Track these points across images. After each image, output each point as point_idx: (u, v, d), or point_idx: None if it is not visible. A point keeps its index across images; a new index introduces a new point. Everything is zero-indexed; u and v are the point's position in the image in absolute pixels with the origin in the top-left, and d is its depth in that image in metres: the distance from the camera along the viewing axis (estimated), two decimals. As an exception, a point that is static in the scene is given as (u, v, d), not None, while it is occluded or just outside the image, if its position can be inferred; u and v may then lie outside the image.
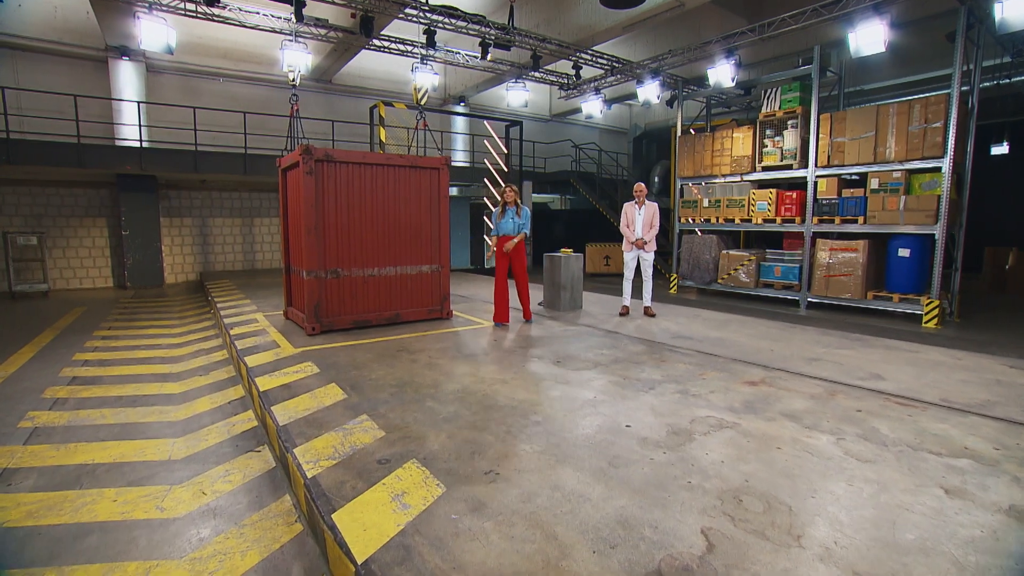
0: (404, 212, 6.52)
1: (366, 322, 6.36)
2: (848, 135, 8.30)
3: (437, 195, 6.75)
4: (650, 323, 6.86)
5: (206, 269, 13.83)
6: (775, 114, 9.50)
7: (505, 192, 6.49)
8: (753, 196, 10.05)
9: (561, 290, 7.76)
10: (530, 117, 18.90)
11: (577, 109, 18.81)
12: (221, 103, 12.84)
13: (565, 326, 6.63)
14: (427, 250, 6.76)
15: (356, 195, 6.16)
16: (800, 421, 3.42)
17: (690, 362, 4.89)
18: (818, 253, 8.98)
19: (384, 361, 4.91)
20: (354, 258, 6.21)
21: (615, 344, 5.62)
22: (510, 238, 6.48)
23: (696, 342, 5.72)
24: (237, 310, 7.82)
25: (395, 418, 3.49)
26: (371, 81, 15.43)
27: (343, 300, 6.20)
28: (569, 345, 5.58)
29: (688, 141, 11.29)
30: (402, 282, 6.61)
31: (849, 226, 8.51)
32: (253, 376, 4.46)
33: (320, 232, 5.95)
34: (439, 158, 6.72)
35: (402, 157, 6.42)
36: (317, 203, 5.88)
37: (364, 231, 6.25)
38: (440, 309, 6.93)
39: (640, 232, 7.22)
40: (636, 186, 7.25)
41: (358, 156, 6.08)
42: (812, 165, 8.94)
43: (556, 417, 3.50)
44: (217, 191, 13.67)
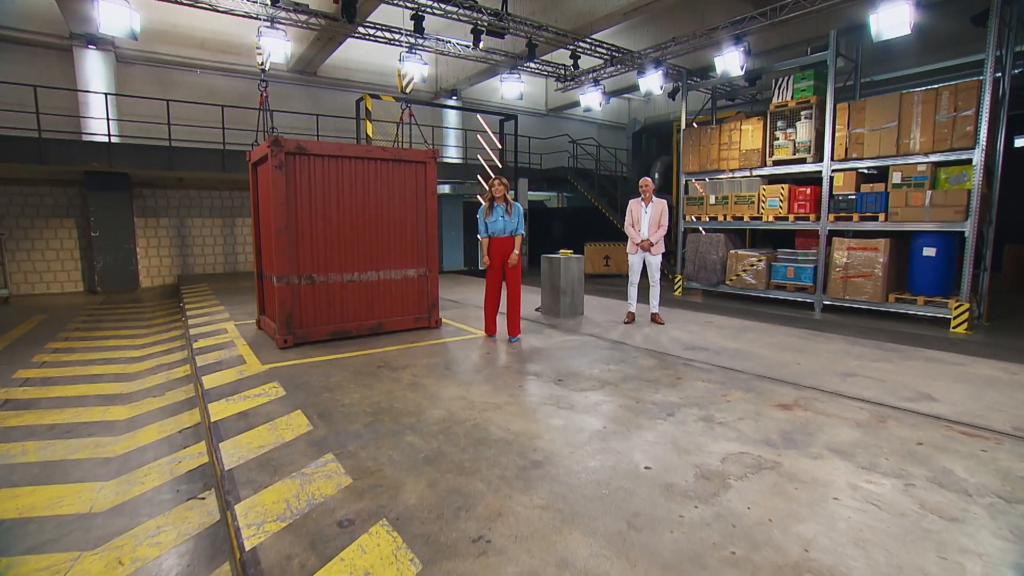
0: (387, 210, 5.95)
1: (345, 333, 5.79)
2: (868, 126, 7.79)
3: (424, 191, 6.18)
4: (659, 332, 6.32)
5: (184, 272, 13.21)
6: (787, 104, 8.98)
7: (493, 185, 5.66)
8: (763, 192, 9.53)
9: (560, 295, 7.21)
10: (526, 111, 18.34)
11: (575, 103, 18.28)
12: (198, 96, 12.21)
13: (566, 336, 6.08)
14: (413, 252, 6.19)
15: (333, 192, 5.58)
16: (853, 459, 2.88)
17: (710, 380, 4.35)
18: (834, 253, 8.46)
19: (362, 380, 4.34)
20: (331, 262, 5.64)
21: (623, 358, 5.07)
22: (502, 240, 5.76)
23: (713, 354, 5.18)
24: (208, 318, 7.22)
25: (367, 458, 2.92)
26: (358, 73, 14.83)
27: (319, 309, 5.62)
28: (571, 359, 5.03)
29: (693, 135, 10.76)
30: (385, 288, 6.04)
31: (869, 224, 8.01)
32: (208, 401, 3.88)
33: (292, 233, 5.37)
34: (425, 151, 6.15)
35: (384, 150, 5.85)
36: (289, 201, 5.30)
37: (342, 232, 5.68)
38: (428, 317, 6.37)
39: (647, 232, 6.68)
40: (642, 181, 6.70)
41: (334, 148, 5.50)
42: (828, 158, 8.42)
43: (560, 455, 2.94)
44: (195, 190, 13.05)
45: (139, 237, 12.14)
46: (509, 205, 5.74)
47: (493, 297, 5.97)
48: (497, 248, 5.76)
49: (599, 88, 12.35)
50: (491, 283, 5.94)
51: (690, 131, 10.86)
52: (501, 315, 6.43)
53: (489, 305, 6.01)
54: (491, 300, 5.98)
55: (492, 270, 5.88)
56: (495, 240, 5.77)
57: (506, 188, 5.73)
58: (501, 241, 5.77)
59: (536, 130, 18.67)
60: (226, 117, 11.38)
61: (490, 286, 5.96)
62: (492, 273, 5.89)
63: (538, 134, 18.47)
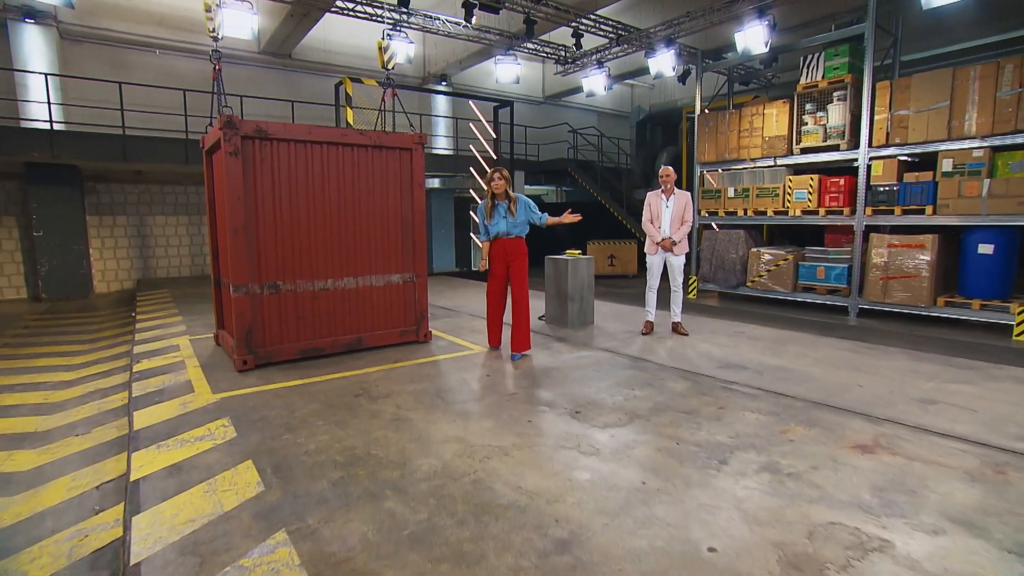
0: (367, 205, 5.28)
1: (317, 351, 5.11)
2: (913, 106, 7.21)
3: (410, 182, 5.52)
4: (684, 345, 5.70)
5: (145, 276, 12.44)
6: (817, 85, 8.39)
7: (492, 179, 5.03)
8: (789, 183, 8.94)
9: (568, 301, 6.57)
10: (521, 99, 17.68)
11: (575, 89, 17.64)
12: (157, 79, 11.44)
13: (577, 351, 5.44)
14: (397, 254, 5.53)
15: (302, 184, 4.90)
16: (989, 536, 2.25)
17: (760, 410, 3.72)
18: (872, 250, 7.88)
19: (334, 414, 3.67)
20: (300, 267, 4.96)
21: (649, 380, 4.43)
22: (505, 243, 5.11)
23: (754, 375, 4.56)
24: (160, 332, 6.52)
25: (331, 538, 2.26)
26: (338, 56, 14.12)
27: (286, 323, 4.94)
28: (587, 382, 4.38)
29: (709, 121, 10.15)
30: (365, 297, 5.37)
31: (913, 218, 7.42)
32: (135, 447, 3.20)
33: (252, 233, 4.69)
34: (411, 135, 5.49)
35: (363, 134, 5.18)
36: (247, 194, 4.62)
37: (313, 231, 5.00)
38: (415, 330, 5.70)
39: (668, 230, 6.06)
40: (663, 171, 6.08)
41: (302, 132, 4.82)
42: (865, 144, 7.84)
43: (591, 529, 2.30)
44: (157, 184, 12.29)
45: (92, 237, 11.37)
46: (512, 201, 5.10)
47: (496, 308, 5.37)
48: (500, 251, 5.15)
49: (603, 71, 11.72)
50: (493, 292, 5.32)
51: (706, 117, 10.25)
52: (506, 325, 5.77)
53: (492, 317, 5.42)
54: (494, 311, 5.39)
55: (494, 277, 5.27)
56: (498, 243, 5.15)
57: (507, 182, 5.10)
58: (504, 243, 5.14)
59: (532, 119, 18.01)
60: (189, 103, 10.64)
61: (492, 295, 5.34)
62: (494, 281, 5.28)
63: (535, 123, 17.81)
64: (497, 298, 5.34)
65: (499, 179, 5.04)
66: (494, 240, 5.15)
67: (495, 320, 5.44)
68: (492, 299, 5.36)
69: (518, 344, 5.15)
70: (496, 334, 5.49)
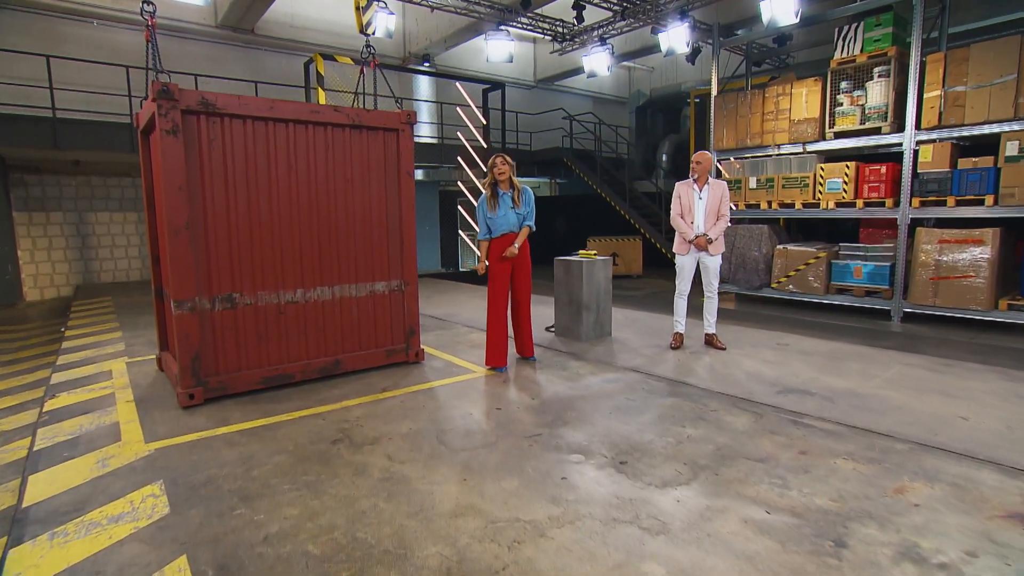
0: (344, 198, 4.54)
1: (285, 378, 4.35)
2: (971, 81, 6.66)
3: (396, 170, 4.78)
4: (724, 361, 5.06)
5: (87, 281, 11.48)
6: (854, 59, 7.82)
7: (495, 164, 4.61)
8: (821, 172, 8.37)
9: (583, 311, 5.89)
10: (511, 82, 16.95)
11: (571, 71, 17.00)
12: (96, 54, 10.47)
13: (600, 372, 4.76)
14: (382, 258, 4.79)
15: (263, 171, 4.15)
16: None
17: (852, 454, 3.07)
18: (920, 247, 7.33)
19: (305, 472, 2.94)
20: (262, 275, 4.20)
21: (699, 412, 3.77)
22: (511, 238, 4.66)
23: (824, 402, 3.92)
24: (92, 352, 5.69)
25: None
26: (307, 33, 13.25)
27: (244, 345, 4.18)
28: (624, 416, 3.71)
29: (728, 103, 9.55)
30: (344, 310, 4.62)
31: (969, 209, 6.88)
32: (16, 537, 2.43)
33: (200, 234, 3.92)
34: (397, 113, 4.75)
35: (338, 111, 4.43)
36: (192, 185, 3.85)
37: (278, 230, 4.24)
38: (405, 348, 4.97)
39: (702, 225, 5.42)
40: (697, 156, 5.43)
41: (261, 106, 4.06)
42: (911, 127, 7.28)
43: None
44: (99, 176, 11.34)
45: (21, 237, 10.41)
46: (517, 191, 4.66)
47: (500, 315, 4.75)
48: (504, 246, 4.63)
49: (607, 48, 11.07)
50: (498, 295, 4.72)
51: (724, 99, 9.64)
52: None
53: (496, 327, 4.77)
54: (498, 320, 4.76)
55: (497, 279, 4.68)
56: (505, 239, 4.64)
57: (511, 168, 4.64)
58: (512, 240, 4.65)
59: (523, 104, 17.30)
60: (135, 82, 9.72)
61: (496, 300, 4.73)
62: (498, 282, 4.70)
63: (526, 109, 17.10)
64: (502, 304, 4.75)
65: (503, 164, 4.57)
66: (498, 237, 4.63)
67: (501, 334, 4.79)
68: (498, 308, 4.74)
69: (529, 346, 5.07)
70: (502, 352, 4.84)
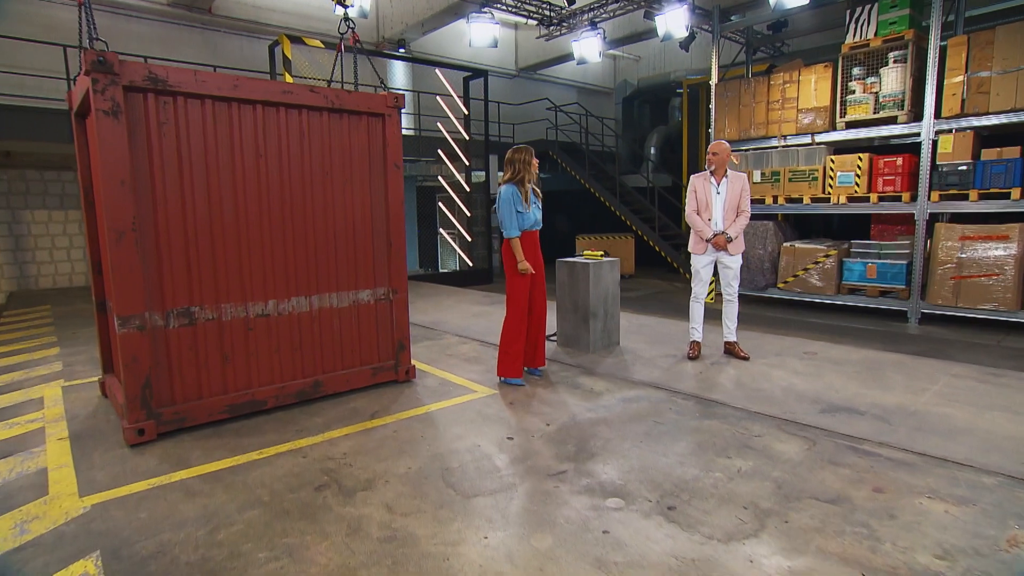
0: (323, 193, 4.04)
1: (256, 405, 3.84)
2: (996, 66, 6.46)
3: (382, 161, 4.31)
4: (751, 373, 4.71)
5: (22, 287, 10.65)
6: (868, 44, 7.58)
7: (526, 158, 4.38)
8: (831, 165, 8.14)
9: (590, 319, 5.48)
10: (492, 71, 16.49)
11: (553, 60, 16.64)
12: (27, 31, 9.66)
13: (618, 389, 4.37)
14: (368, 262, 4.31)
15: (226, 162, 3.63)
16: None
17: (938, 492, 2.72)
18: (940, 244, 7.14)
19: (285, 532, 2.46)
20: (227, 285, 3.68)
21: (741, 438, 3.39)
22: (535, 235, 4.56)
23: (878, 423, 3.59)
24: (21, 373, 5.06)
25: None
26: (271, 14, 12.59)
27: (207, 367, 3.65)
28: (657, 444, 3.31)
29: (730, 91, 9.27)
30: (324, 323, 4.13)
31: (993, 203, 6.70)
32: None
33: (150, 237, 3.39)
34: (382, 96, 4.27)
35: (315, 91, 3.93)
36: (139, 178, 3.32)
37: (245, 232, 3.73)
38: (394, 366, 4.50)
39: (721, 223, 5.07)
40: (714, 146, 5.09)
41: (223, 84, 3.53)
42: (930, 116, 7.08)
43: None
44: (36, 170, 10.52)
45: (-53, 240, 9.55)
46: (536, 189, 4.57)
47: (524, 320, 4.51)
48: (530, 249, 4.47)
49: (598, 33, 10.69)
50: (521, 298, 4.46)
51: (726, 87, 9.36)
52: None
53: (519, 334, 4.52)
54: (521, 325, 4.51)
55: (521, 280, 4.44)
56: (529, 237, 4.51)
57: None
58: (533, 239, 4.54)
59: (504, 95, 16.83)
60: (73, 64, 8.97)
61: (519, 304, 4.46)
62: (522, 284, 4.43)
63: (507, 99, 16.65)
64: (524, 310, 4.49)
65: (532, 158, 4.42)
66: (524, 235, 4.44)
67: (520, 342, 4.52)
68: (521, 313, 4.47)
69: (542, 356, 4.83)
70: (519, 362, 4.55)
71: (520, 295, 4.45)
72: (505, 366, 4.52)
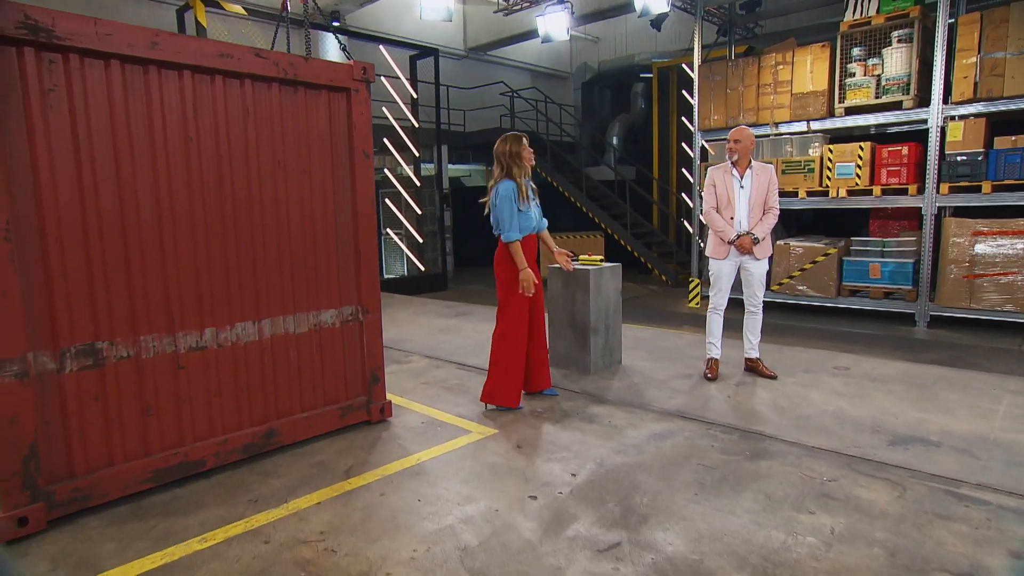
0: (275, 190, 3.40)
1: (191, 467, 3.14)
2: (1012, 46, 6.46)
3: (347, 149, 3.70)
4: (785, 394, 4.40)
5: None
6: (870, 21, 7.50)
7: (512, 150, 4.00)
8: (830, 154, 8.04)
9: (590, 335, 5.02)
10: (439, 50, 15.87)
11: (506, 40, 16.17)
12: None
13: (638, 420, 3.94)
14: (331, 276, 3.69)
15: (143, 147, 2.93)
16: None
17: (1088, 551, 2.39)
18: (951, 240, 7.12)
19: None
20: (148, 310, 2.98)
21: (808, 481, 3.00)
22: (534, 238, 4.21)
23: (961, 456, 3.29)
24: None
25: None
26: (179, -22, 11.51)
27: (121, 422, 2.94)
28: (717, 498, 2.87)
29: (716, 73, 9.08)
30: (277, 355, 3.47)
31: (1008, 195, 6.70)
32: None
33: (34, 248, 2.66)
34: (347, 65, 3.66)
35: (262, 56, 3.27)
36: (14, 166, 2.59)
37: (172, 240, 3.04)
38: (366, 404, 3.88)
39: (746, 222, 4.73)
40: (735, 133, 4.75)
41: (139, 40, 2.83)
42: (938, 100, 7.05)
43: None
44: None
45: None
46: (532, 186, 4.24)
47: (525, 338, 4.15)
48: (529, 256, 4.07)
49: (565, 7, 10.30)
50: (522, 313, 4.09)
51: (711, 69, 9.17)
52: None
53: (519, 354, 4.13)
54: (522, 344, 4.14)
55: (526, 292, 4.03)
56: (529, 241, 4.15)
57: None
58: (533, 242, 4.21)
59: (452, 77, 16.20)
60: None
61: (520, 319, 4.09)
62: (524, 298, 4.04)
63: (455, 83, 16.04)
64: (526, 326, 4.12)
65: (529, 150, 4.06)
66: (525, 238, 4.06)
67: (521, 366, 4.16)
68: (522, 330, 4.10)
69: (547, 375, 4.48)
70: (517, 389, 4.19)
71: (520, 310, 4.06)
72: (503, 394, 4.11)
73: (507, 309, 4.06)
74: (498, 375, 4.11)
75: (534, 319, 4.21)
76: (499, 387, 4.11)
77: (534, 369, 4.34)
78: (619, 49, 17.69)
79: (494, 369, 4.13)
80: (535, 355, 4.30)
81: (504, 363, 4.07)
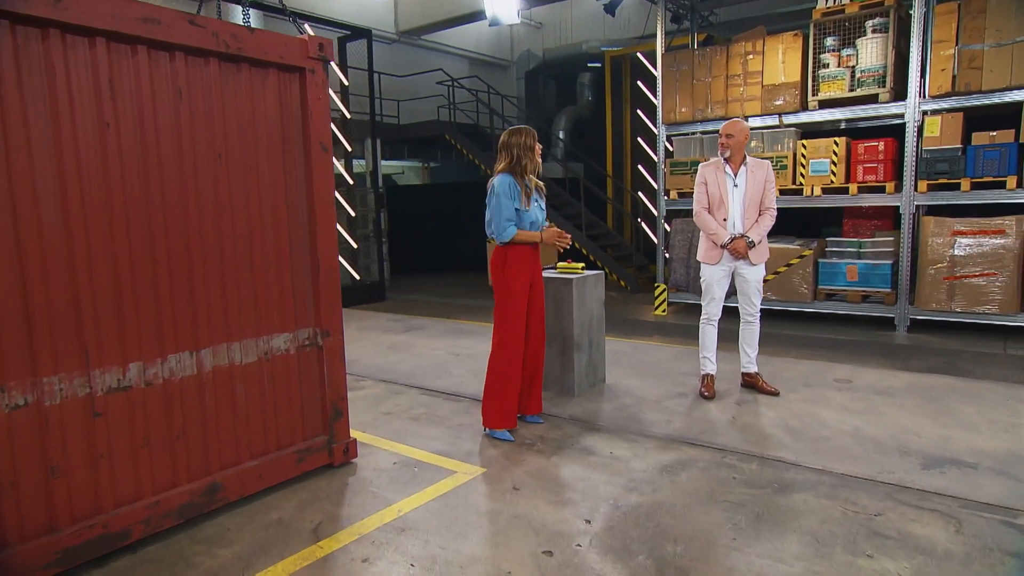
0: (215, 189, 2.98)
1: (113, 540, 2.67)
2: (990, 38, 6.69)
3: (301, 140, 3.31)
4: (793, 413, 4.34)
5: None
6: (843, 9, 7.66)
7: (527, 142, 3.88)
8: (803, 150, 8.16)
9: (573, 352, 4.81)
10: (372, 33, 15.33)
11: (441, 23, 15.81)
12: None
13: (644, 450, 3.74)
14: (284, 292, 3.29)
15: (45, 135, 2.47)
16: None
17: None
18: (929, 240, 7.32)
19: None
20: (53, 341, 2.51)
21: (851, 516, 2.87)
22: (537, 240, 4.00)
23: (1001, 479, 3.27)
24: None
25: None
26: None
27: (14, 491, 2.45)
28: (757, 541, 2.70)
29: (681, 63, 9.08)
30: (220, 391, 3.04)
31: (987, 193, 6.95)
32: None
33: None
34: (300, 40, 3.28)
35: (198, 25, 2.85)
36: None
37: (84, 251, 2.58)
38: (327, 444, 3.49)
39: (740, 223, 4.63)
40: (727, 127, 4.67)
41: (42, -3, 2.38)
42: (915, 94, 7.24)
43: None
44: None
45: None
46: (539, 183, 4.11)
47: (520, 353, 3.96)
48: (530, 261, 3.97)
49: (517, -17, 10.10)
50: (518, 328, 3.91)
51: (676, 57, 9.16)
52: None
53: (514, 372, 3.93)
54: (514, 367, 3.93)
55: (517, 299, 3.90)
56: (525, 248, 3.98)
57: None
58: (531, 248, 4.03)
59: (381, 64, 15.66)
60: None
61: (516, 331, 3.91)
62: (518, 305, 3.90)
63: (386, 70, 15.53)
64: (522, 340, 3.94)
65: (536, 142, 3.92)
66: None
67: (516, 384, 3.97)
68: (517, 344, 3.91)
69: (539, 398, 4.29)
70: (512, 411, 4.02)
71: (516, 322, 3.87)
72: (496, 416, 3.93)
73: (503, 318, 3.88)
74: (490, 393, 3.94)
75: (531, 335, 4.00)
76: (491, 407, 3.94)
77: (524, 388, 4.08)
78: (565, 36, 17.67)
79: (487, 387, 3.97)
80: (527, 371, 4.08)
81: (496, 379, 3.89)
